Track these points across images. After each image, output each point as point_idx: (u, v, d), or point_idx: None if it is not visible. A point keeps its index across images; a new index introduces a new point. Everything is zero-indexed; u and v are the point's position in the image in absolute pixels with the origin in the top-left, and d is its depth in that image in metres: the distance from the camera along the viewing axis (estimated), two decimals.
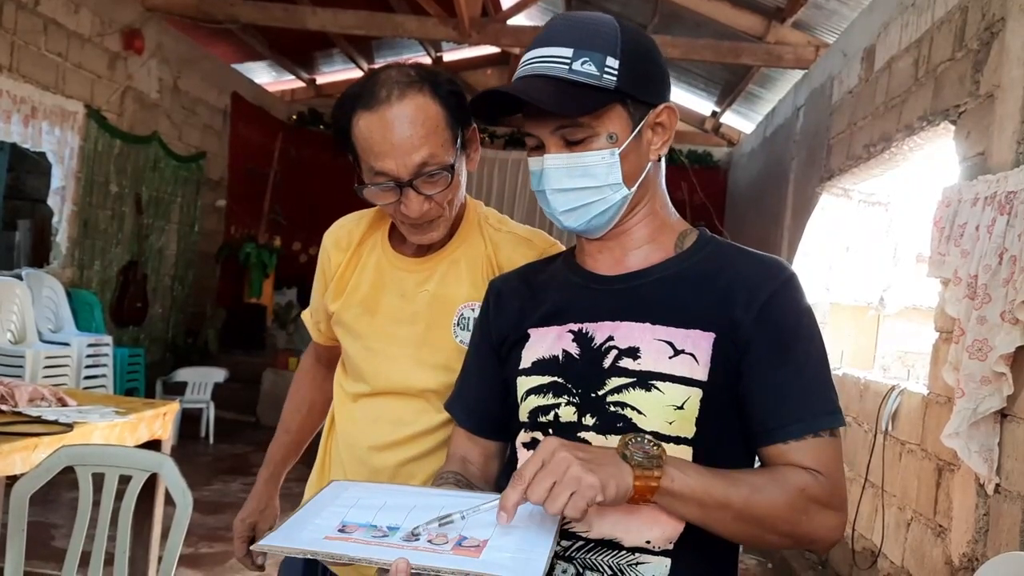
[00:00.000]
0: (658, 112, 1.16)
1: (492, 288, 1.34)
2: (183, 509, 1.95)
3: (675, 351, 1.10)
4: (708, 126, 10.35)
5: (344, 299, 1.57)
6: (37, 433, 2.48)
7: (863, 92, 4.84)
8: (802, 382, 1.10)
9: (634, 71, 1.11)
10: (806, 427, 1.08)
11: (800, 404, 1.09)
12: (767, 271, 1.15)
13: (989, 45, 3.20)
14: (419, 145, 1.32)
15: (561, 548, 1.12)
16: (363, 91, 1.36)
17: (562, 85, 1.09)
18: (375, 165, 1.34)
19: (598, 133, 1.12)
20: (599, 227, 1.19)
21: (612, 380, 1.12)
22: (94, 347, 5.99)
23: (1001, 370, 2.66)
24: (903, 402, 3.77)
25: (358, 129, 1.35)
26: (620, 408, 1.10)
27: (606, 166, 1.13)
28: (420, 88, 1.35)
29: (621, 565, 1.10)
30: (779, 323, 1.11)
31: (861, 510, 4.15)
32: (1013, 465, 2.70)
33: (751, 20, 6.78)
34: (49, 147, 6.21)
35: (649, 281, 1.18)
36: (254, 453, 6.69)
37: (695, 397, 1.09)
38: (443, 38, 7.73)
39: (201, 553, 4.28)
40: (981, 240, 2.86)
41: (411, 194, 1.35)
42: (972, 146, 3.26)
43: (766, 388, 1.10)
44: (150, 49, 7.36)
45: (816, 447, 1.08)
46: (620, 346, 1.13)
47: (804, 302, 1.15)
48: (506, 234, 1.53)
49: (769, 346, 1.10)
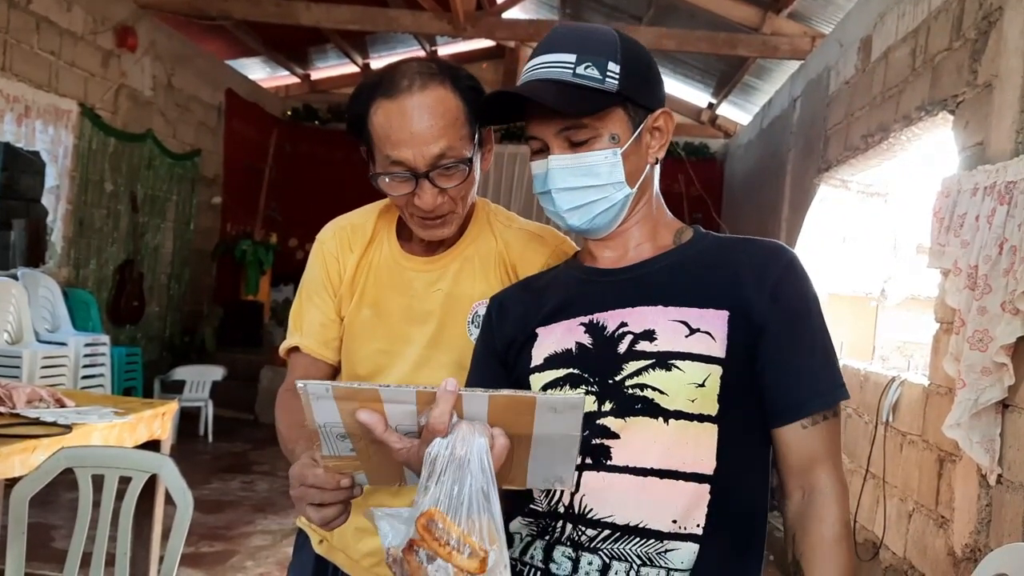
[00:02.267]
0: (656, 117, 1.22)
1: (494, 301, 1.35)
2: (184, 510, 1.94)
3: (691, 330, 1.14)
4: (704, 118, 10.33)
5: (355, 301, 1.53)
6: (36, 435, 2.47)
7: (860, 82, 4.83)
8: (816, 359, 1.16)
9: (634, 75, 1.17)
10: (822, 402, 1.14)
11: (818, 379, 1.15)
12: (771, 253, 1.20)
13: (987, 34, 3.19)
14: (438, 136, 1.31)
15: (587, 539, 1.13)
16: (383, 80, 1.35)
17: (567, 88, 1.14)
18: (392, 154, 1.33)
19: (601, 134, 1.17)
20: (602, 226, 1.22)
21: (630, 364, 1.14)
22: (91, 347, 5.97)
23: (1002, 360, 2.66)
24: (903, 393, 3.77)
25: (376, 117, 1.33)
26: (640, 390, 1.12)
27: (609, 166, 1.17)
28: (441, 80, 1.34)
29: (649, 553, 1.10)
30: (791, 303, 1.17)
31: (862, 501, 4.15)
32: (1015, 456, 2.70)
33: (747, 11, 6.76)
34: (43, 146, 6.18)
35: (656, 268, 1.22)
36: (253, 451, 6.69)
37: (715, 374, 1.12)
38: (438, 32, 7.71)
39: (202, 552, 4.28)
40: (981, 230, 2.86)
41: (426, 186, 1.33)
42: (971, 136, 3.25)
43: (784, 366, 1.15)
44: (143, 46, 7.33)
45: (826, 431, 1.15)
46: (635, 330, 1.16)
47: (809, 280, 1.20)
48: (517, 231, 1.52)
49: (784, 326, 1.15)
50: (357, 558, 1.55)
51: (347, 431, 0.99)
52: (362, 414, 0.96)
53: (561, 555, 1.14)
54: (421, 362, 1.47)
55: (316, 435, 1.01)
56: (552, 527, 1.16)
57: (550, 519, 1.16)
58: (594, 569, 1.12)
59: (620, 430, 1.12)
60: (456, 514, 0.92)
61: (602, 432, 1.13)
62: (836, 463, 1.16)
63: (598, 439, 1.12)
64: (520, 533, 1.21)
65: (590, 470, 1.12)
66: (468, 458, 0.93)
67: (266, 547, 4.44)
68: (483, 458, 0.93)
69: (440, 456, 0.94)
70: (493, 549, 0.92)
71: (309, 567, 1.62)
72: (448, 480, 0.93)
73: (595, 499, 1.12)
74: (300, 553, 1.66)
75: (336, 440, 1.01)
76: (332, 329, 1.55)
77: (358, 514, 1.52)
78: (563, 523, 1.14)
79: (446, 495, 0.92)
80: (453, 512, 0.92)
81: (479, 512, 0.92)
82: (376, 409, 0.97)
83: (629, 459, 1.11)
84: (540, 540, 1.17)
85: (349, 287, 1.53)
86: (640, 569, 1.10)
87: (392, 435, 0.98)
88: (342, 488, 1.08)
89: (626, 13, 8.18)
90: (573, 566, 1.13)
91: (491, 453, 0.94)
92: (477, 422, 0.95)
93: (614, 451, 1.12)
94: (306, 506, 1.10)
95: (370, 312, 1.51)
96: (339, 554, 1.58)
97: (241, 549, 4.40)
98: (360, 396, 0.96)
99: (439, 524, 0.92)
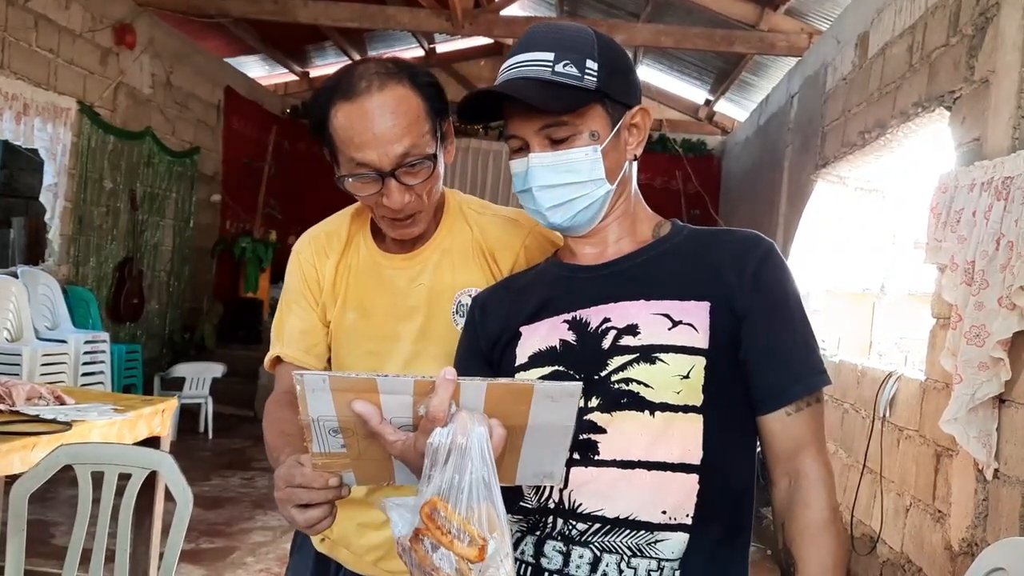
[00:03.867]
0: (633, 113, 1.23)
1: (476, 301, 1.36)
2: (183, 506, 1.95)
3: (673, 322, 1.15)
4: (702, 114, 10.33)
5: (339, 306, 1.53)
6: (36, 432, 2.47)
7: (857, 79, 4.83)
8: (796, 345, 1.17)
9: (612, 73, 1.18)
10: (805, 387, 1.15)
11: (799, 365, 1.16)
12: (749, 243, 1.21)
13: (984, 30, 3.19)
14: (401, 135, 1.32)
15: (577, 533, 1.13)
16: (341, 82, 1.35)
17: (547, 85, 1.15)
18: (356, 156, 1.33)
19: (581, 132, 1.17)
20: (583, 223, 1.23)
21: (615, 359, 1.14)
22: (91, 344, 5.97)
23: (999, 355, 2.67)
24: (900, 388, 3.78)
25: (337, 120, 1.33)
26: (625, 384, 1.13)
27: (589, 162, 1.18)
28: (400, 79, 1.34)
29: (640, 545, 1.11)
30: (771, 292, 1.17)
31: (860, 496, 4.16)
32: (1012, 450, 2.71)
33: (744, 8, 6.76)
34: (41, 144, 6.17)
35: (637, 263, 1.23)
36: (253, 448, 6.69)
37: (699, 365, 1.13)
38: (436, 30, 7.70)
39: (202, 548, 4.29)
40: (978, 226, 2.87)
41: (393, 185, 1.34)
42: (967, 132, 3.26)
43: (766, 353, 1.15)
44: (142, 44, 7.32)
45: (810, 417, 1.16)
46: (618, 325, 1.16)
47: (787, 269, 1.21)
48: (491, 217, 1.53)
49: (765, 314, 1.16)
50: (361, 553, 1.55)
51: (340, 425, 0.99)
52: (358, 404, 0.96)
53: (552, 549, 1.15)
54: (412, 357, 1.48)
55: (308, 430, 1.00)
56: (543, 523, 1.16)
57: (540, 515, 1.17)
58: (585, 562, 1.12)
59: (607, 424, 1.13)
60: (457, 502, 0.92)
61: (589, 427, 1.13)
62: (821, 449, 1.16)
63: (585, 434, 1.13)
64: (511, 529, 1.21)
65: (578, 465, 1.13)
66: (468, 446, 0.93)
67: (266, 543, 4.45)
68: (483, 447, 0.94)
69: (441, 445, 0.94)
70: (493, 537, 0.92)
71: (309, 567, 1.62)
72: (450, 468, 0.93)
73: (584, 494, 1.13)
74: (299, 553, 1.66)
75: (328, 435, 1.01)
76: (313, 336, 1.54)
77: (361, 510, 1.53)
78: (553, 519, 1.15)
79: (447, 483, 0.93)
80: (454, 500, 0.92)
81: (479, 500, 0.92)
82: (372, 400, 0.97)
83: (617, 453, 1.12)
84: (531, 536, 1.17)
85: (331, 293, 1.53)
86: (631, 560, 1.11)
87: (387, 427, 0.98)
88: (330, 488, 1.07)
89: (623, 10, 8.18)
90: (564, 560, 1.14)
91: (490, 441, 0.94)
92: (476, 412, 0.96)
93: (601, 446, 1.13)
94: (291, 508, 1.09)
95: (355, 315, 1.52)
96: (342, 550, 1.58)
97: (241, 545, 4.41)
98: (357, 387, 0.96)
99: (441, 513, 0.92)
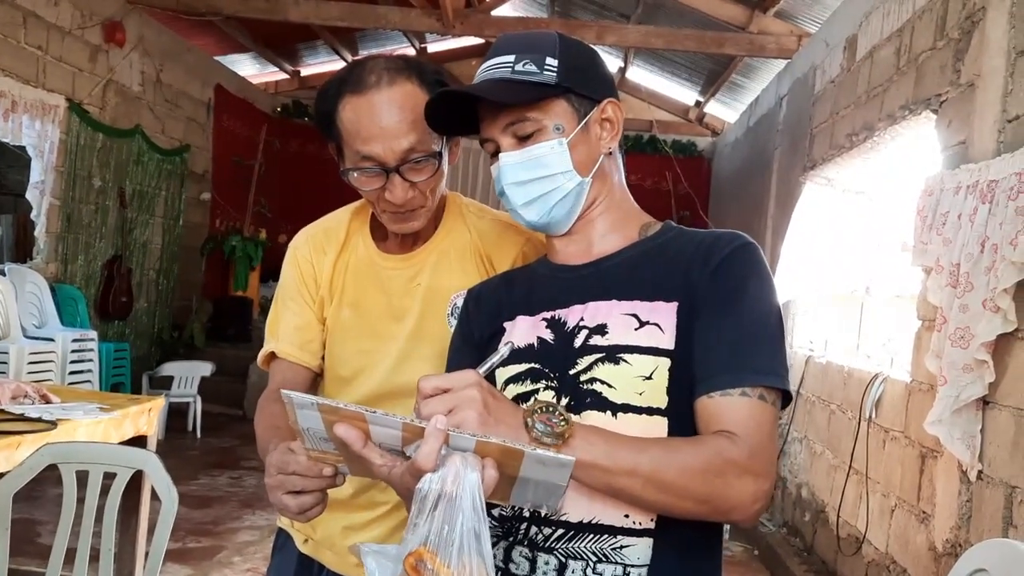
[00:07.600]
0: (603, 107, 1.22)
1: (471, 293, 1.36)
2: (168, 506, 1.94)
3: (640, 323, 1.14)
4: (692, 116, 10.36)
5: (335, 303, 1.54)
6: (20, 431, 2.46)
7: (845, 81, 4.85)
8: (738, 337, 1.10)
9: (573, 68, 1.19)
10: (733, 379, 1.07)
11: (732, 356, 1.09)
12: (723, 239, 1.19)
13: (970, 34, 3.21)
14: (407, 131, 1.33)
15: (543, 539, 1.12)
16: (350, 76, 1.37)
17: (506, 83, 1.17)
18: (362, 149, 1.34)
19: (545, 126, 1.18)
20: (560, 219, 1.22)
21: (584, 359, 1.14)
22: (79, 342, 5.95)
23: (983, 358, 2.69)
24: (886, 389, 3.80)
25: (345, 113, 1.35)
26: (590, 384, 1.13)
27: (556, 155, 1.18)
28: (408, 75, 1.36)
29: (605, 550, 1.09)
30: (726, 281, 1.13)
31: (845, 496, 4.18)
32: (995, 452, 2.73)
33: (734, 10, 6.78)
34: (29, 141, 6.14)
35: (615, 263, 1.22)
36: (241, 447, 6.68)
37: (663, 367, 1.11)
38: (427, 29, 7.70)
39: (188, 547, 4.28)
40: (963, 228, 2.88)
41: (396, 180, 1.35)
42: (953, 135, 3.28)
43: (704, 340, 1.11)
44: (132, 42, 7.30)
45: (744, 407, 1.07)
46: (589, 325, 1.16)
47: (758, 266, 1.16)
48: (490, 221, 1.54)
49: (713, 301, 1.13)
50: (345, 555, 1.55)
51: (330, 436, 0.99)
52: (340, 428, 0.95)
53: (519, 555, 1.14)
54: (403, 357, 1.48)
55: (299, 434, 1.00)
56: (515, 529, 1.15)
57: (514, 521, 1.16)
58: (551, 569, 1.11)
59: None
60: (446, 554, 0.88)
61: None
62: (747, 443, 1.04)
63: None
64: None
65: None
66: (459, 495, 0.90)
67: (253, 543, 4.44)
68: (475, 496, 0.90)
69: (431, 492, 0.90)
70: None
71: (291, 567, 1.61)
72: (439, 518, 0.90)
73: None
74: (280, 554, 1.66)
75: (319, 441, 1.01)
76: (308, 332, 1.55)
77: (345, 512, 1.53)
78: (526, 525, 1.14)
79: (436, 534, 0.89)
80: (443, 553, 0.89)
81: (469, 553, 0.89)
82: (361, 428, 0.95)
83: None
84: (503, 541, 1.16)
85: (328, 289, 1.54)
86: (596, 566, 1.09)
87: (373, 451, 0.97)
88: (324, 476, 1.07)
89: (614, 11, 8.19)
90: (531, 566, 1.12)
91: (482, 487, 0.92)
92: (469, 454, 0.93)
93: None
94: (283, 494, 1.09)
95: (350, 312, 1.52)
96: (326, 552, 1.58)
97: (228, 545, 4.40)
98: (345, 416, 0.95)
99: (428, 565, 0.88)
